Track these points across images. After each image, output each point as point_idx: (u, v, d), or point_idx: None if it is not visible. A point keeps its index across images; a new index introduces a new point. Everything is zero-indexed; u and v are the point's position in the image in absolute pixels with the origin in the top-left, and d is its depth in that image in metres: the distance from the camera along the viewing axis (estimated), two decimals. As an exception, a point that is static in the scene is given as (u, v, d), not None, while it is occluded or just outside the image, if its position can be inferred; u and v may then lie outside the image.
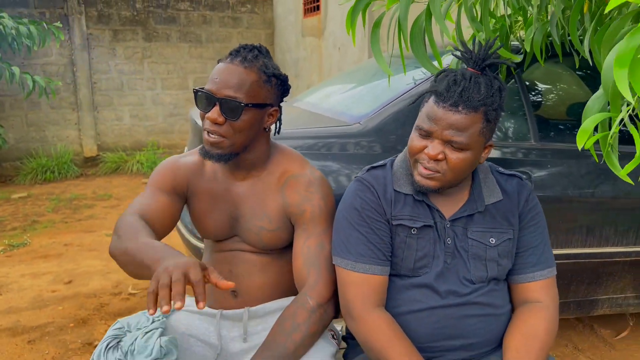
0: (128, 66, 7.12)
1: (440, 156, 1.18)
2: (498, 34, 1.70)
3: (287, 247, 1.37)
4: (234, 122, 1.24)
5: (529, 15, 1.63)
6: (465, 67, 1.23)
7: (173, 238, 2.59)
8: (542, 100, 2.29)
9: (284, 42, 7.46)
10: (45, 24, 5.02)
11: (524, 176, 1.40)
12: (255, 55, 1.28)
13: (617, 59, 0.72)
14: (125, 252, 1.12)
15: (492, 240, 1.28)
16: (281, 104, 1.38)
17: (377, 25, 1.47)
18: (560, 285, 1.51)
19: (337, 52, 5.79)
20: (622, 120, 1.02)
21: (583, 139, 1.02)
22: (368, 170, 1.36)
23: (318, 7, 6.21)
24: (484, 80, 1.18)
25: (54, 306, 2.97)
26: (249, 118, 1.26)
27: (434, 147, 1.18)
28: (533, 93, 2.22)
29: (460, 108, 1.15)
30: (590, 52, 1.35)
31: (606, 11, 0.78)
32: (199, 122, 2.24)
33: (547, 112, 2.31)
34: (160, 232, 1.33)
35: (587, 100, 1.10)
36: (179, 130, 7.52)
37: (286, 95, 1.37)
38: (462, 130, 1.15)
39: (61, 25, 5.21)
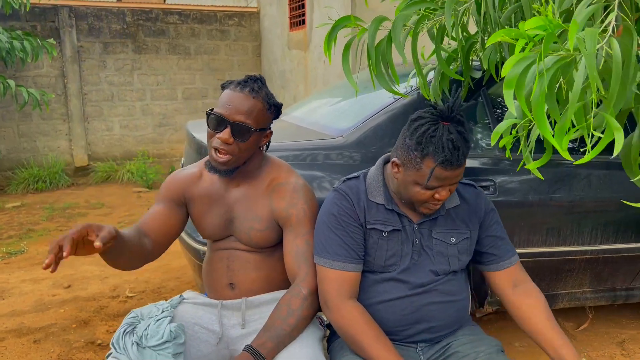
0: (118, 78, 7.30)
1: (447, 198, 1.44)
2: (459, 54, 1.94)
3: (276, 246, 1.59)
4: (242, 143, 1.47)
5: (483, 39, 1.87)
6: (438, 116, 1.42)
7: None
8: (505, 114, 2.54)
9: (270, 54, 7.69)
10: (39, 40, 5.20)
11: (476, 184, 1.64)
12: (259, 86, 1.51)
13: (505, 83, 0.97)
14: None
15: (452, 240, 1.52)
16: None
17: (347, 48, 1.72)
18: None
19: (322, 64, 6.03)
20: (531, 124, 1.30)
21: (495, 138, 1.32)
22: (344, 181, 1.60)
23: (304, 22, 6.45)
24: (462, 129, 1.38)
25: (55, 309, 3.14)
26: (253, 140, 1.50)
27: (444, 194, 1.41)
28: (497, 107, 2.46)
29: (461, 163, 1.38)
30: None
31: (486, 45, 1.03)
32: (197, 135, 2.45)
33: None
34: (157, 237, 1.56)
35: None
36: (168, 140, 7.71)
37: (277, 117, 1.61)
38: (460, 178, 1.43)
39: (55, 43, 5.38)
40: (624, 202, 1.66)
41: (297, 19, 6.69)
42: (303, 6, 6.44)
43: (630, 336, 2.75)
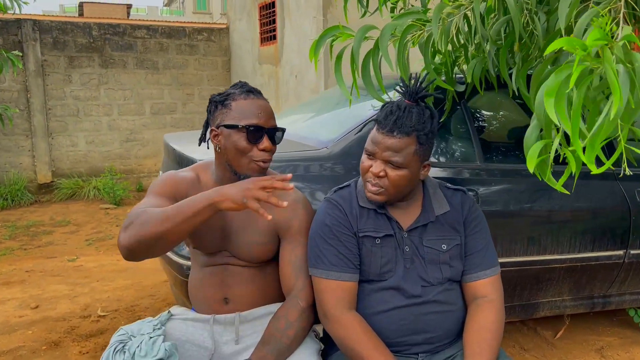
0: (84, 92, 7.14)
1: (381, 173, 1.42)
2: (443, 68, 1.96)
3: (271, 260, 1.55)
4: (275, 146, 1.48)
5: (469, 52, 1.90)
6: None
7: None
8: (485, 126, 2.59)
9: (240, 69, 7.67)
10: (4, 52, 5.04)
11: (466, 189, 1.65)
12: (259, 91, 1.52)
13: (547, 91, 0.96)
14: (165, 217, 1.25)
15: (443, 247, 1.51)
16: None
17: (339, 57, 1.71)
18: (506, 290, 1.75)
19: (294, 79, 6.04)
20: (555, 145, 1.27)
21: (532, 165, 1.26)
22: (335, 191, 1.58)
23: (274, 37, 6.46)
24: (417, 110, 1.42)
25: (23, 330, 3.00)
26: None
27: (376, 166, 1.42)
28: (477, 119, 2.50)
29: (395, 133, 1.39)
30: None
31: (545, 54, 1.03)
32: (176, 146, 2.41)
33: (490, 135, 2.60)
34: None
35: (525, 125, 1.34)
36: (136, 156, 7.56)
37: None
38: (397, 151, 1.40)
39: (21, 54, 5.22)
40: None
41: (268, 34, 6.70)
42: (274, 22, 6.46)
43: (608, 343, 2.81)
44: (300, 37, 5.80)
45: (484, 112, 2.57)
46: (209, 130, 1.51)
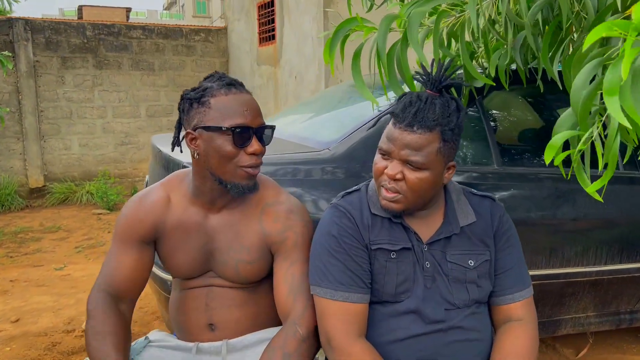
0: (77, 94, 6.93)
1: (398, 176, 1.20)
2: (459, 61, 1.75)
3: (264, 279, 1.33)
4: (264, 147, 1.27)
5: (490, 41, 1.68)
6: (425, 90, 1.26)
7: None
8: (503, 126, 2.37)
9: (239, 70, 7.46)
10: (-7, 52, 4.84)
11: (496, 196, 1.43)
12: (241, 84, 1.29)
13: (606, 91, 0.76)
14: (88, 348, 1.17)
15: (470, 263, 1.28)
16: None
17: (357, 55, 1.48)
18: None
19: (294, 80, 5.84)
20: (591, 137, 1.06)
21: (551, 154, 1.05)
22: (343, 196, 1.36)
23: (273, 37, 6.26)
24: (440, 101, 1.21)
25: (0, 347, 2.78)
26: None
27: (392, 167, 1.20)
28: (494, 118, 2.29)
29: (415, 128, 1.17)
30: (560, 74, 1.41)
31: (586, 45, 0.82)
32: (163, 149, 2.19)
33: (509, 136, 2.39)
34: (133, 293, 1.30)
35: (546, 125, 1.14)
36: (131, 159, 7.34)
37: None
38: (417, 149, 1.17)
39: (10, 55, 5.02)
40: None
41: (267, 34, 6.50)
42: (272, 21, 6.26)
43: (633, 362, 2.59)
44: (300, 37, 5.60)
45: (501, 110, 2.36)
46: (184, 133, 1.28)
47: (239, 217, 1.31)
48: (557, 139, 1.05)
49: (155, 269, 1.93)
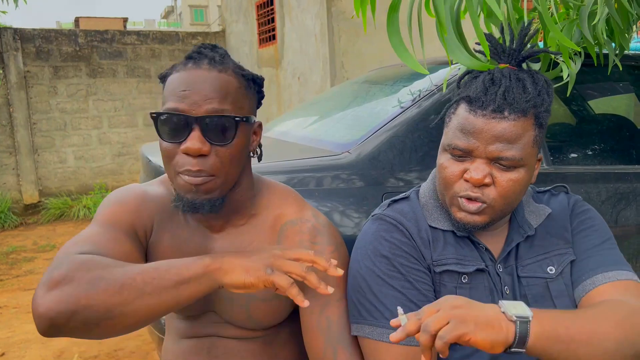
0: (71, 104, 6.64)
1: (487, 180, 0.89)
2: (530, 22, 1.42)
3: (282, 324, 1.01)
4: (224, 147, 0.89)
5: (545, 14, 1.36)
6: (497, 64, 0.95)
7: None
8: (557, 120, 2.06)
9: (238, 74, 7.17)
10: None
11: (567, 187, 1.11)
12: (222, 55, 0.96)
13: None
14: (125, 284, 0.76)
15: (550, 270, 0.98)
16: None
17: (394, 8, 1.13)
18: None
19: (297, 81, 5.53)
20: None
21: None
22: (389, 205, 1.04)
23: (274, 37, 5.97)
24: (527, 77, 0.91)
25: (-19, 388, 2.47)
26: (240, 139, 0.92)
27: (477, 169, 0.89)
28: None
29: (506, 113, 0.88)
30: None
31: None
32: (153, 158, 1.88)
33: (562, 132, 2.08)
34: None
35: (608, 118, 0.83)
36: (129, 171, 7.04)
37: (260, 106, 1.04)
38: (512, 141, 0.88)
39: (1, 66, 4.74)
40: None
41: (267, 35, 6.20)
42: (272, 21, 5.96)
43: None
44: (302, 36, 5.29)
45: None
46: None
47: (249, 238, 1.00)
48: None
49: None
